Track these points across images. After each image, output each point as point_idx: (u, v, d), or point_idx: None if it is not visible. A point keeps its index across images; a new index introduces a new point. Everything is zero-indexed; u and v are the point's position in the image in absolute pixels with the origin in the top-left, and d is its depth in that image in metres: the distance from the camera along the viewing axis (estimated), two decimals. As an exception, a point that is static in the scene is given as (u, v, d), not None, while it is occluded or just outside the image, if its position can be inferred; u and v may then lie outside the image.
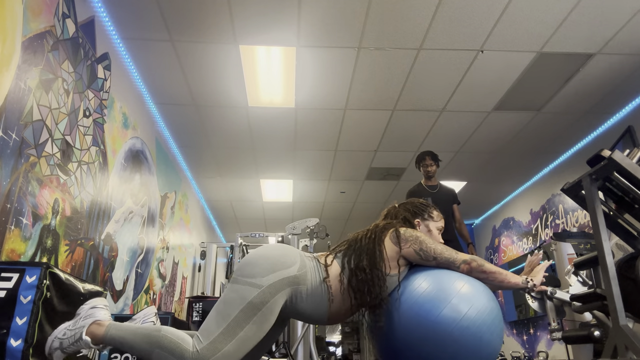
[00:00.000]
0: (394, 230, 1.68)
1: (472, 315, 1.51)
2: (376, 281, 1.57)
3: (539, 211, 6.01)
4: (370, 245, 1.65)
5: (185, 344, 1.32)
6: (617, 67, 3.82)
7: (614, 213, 2.26)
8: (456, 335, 1.49)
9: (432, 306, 1.52)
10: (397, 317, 1.58)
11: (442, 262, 1.63)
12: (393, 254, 1.63)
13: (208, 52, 3.60)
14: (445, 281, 1.58)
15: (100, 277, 3.16)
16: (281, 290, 1.48)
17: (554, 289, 3.64)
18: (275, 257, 1.54)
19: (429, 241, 1.65)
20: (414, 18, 3.27)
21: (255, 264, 1.51)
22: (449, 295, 1.53)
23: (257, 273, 1.48)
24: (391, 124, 4.68)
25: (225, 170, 5.79)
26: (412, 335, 1.54)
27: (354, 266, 1.61)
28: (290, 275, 1.51)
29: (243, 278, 1.47)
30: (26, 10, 2.29)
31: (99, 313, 1.46)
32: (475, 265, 1.63)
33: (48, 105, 2.47)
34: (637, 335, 1.85)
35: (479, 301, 1.55)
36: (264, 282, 1.46)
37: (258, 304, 1.43)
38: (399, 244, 1.64)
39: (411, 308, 1.55)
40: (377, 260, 1.61)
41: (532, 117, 4.59)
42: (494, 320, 1.56)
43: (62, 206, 2.62)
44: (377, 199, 6.85)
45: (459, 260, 1.63)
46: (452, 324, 1.49)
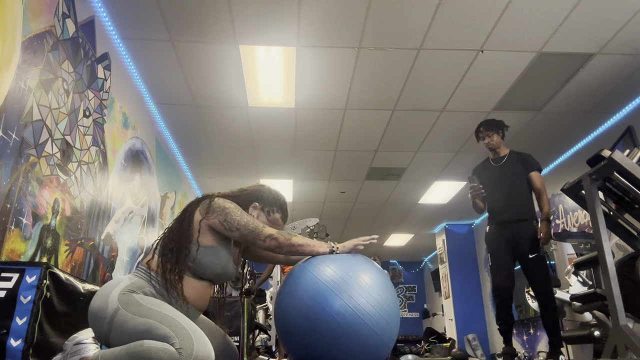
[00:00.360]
0: (208, 201, 1.66)
1: (369, 308, 1.55)
2: (183, 244, 1.57)
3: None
4: (182, 214, 1.66)
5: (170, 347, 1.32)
6: (617, 67, 3.82)
7: (614, 213, 2.26)
8: (354, 327, 1.53)
9: (331, 295, 1.56)
10: (297, 303, 1.62)
11: (246, 234, 1.60)
12: (199, 224, 1.61)
13: (208, 52, 3.60)
14: (350, 271, 1.62)
15: (100, 277, 3.16)
16: (130, 294, 1.46)
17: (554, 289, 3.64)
18: (100, 294, 1.50)
19: (236, 212, 1.61)
20: (414, 18, 3.27)
21: (93, 314, 1.46)
22: (349, 286, 1.57)
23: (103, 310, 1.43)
24: (391, 124, 4.68)
25: (225, 170, 5.79)
26: (310, 324, 1.58)
27: (165, 233, 1.62)
28: (125, 286, 1.48)
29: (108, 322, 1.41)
30: (26, 10, 2.29)
31: (85, 349, 1.44)
32: (283, 239, 1.61)
33: (48, 105, 2.47)
34: (637, 335, 1.85)
35: (378, 294, 1.59)
36: (113, 304, 1.42)
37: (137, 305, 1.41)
38: (207, 214, 1.61)
39: (313, 296, 1.59)
40: (184, 226, 1.60)
41: (532, 117, 4.59)
42: (391, 315, 1.61)
43: (62, 206, 2.62)
44: (377, 199, 6.85)
45: (264, 234, 1.60)
46: (349, 316, 1.53)
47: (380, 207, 7.18)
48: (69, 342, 1.47)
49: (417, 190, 6.53)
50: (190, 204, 1.70)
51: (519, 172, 3.34)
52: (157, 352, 1.30)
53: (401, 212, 7.45)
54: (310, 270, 1.65)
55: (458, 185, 6.30)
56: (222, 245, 1.64)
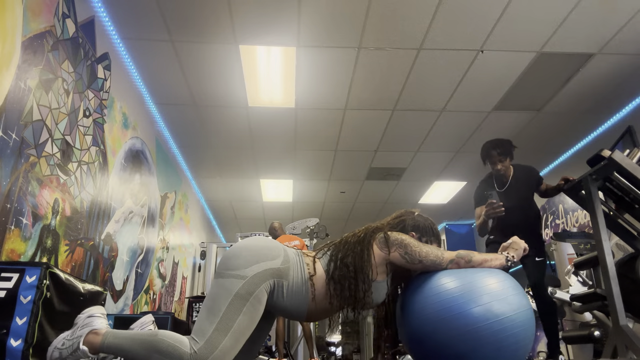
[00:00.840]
0: (383, 234, 1.66)
1: (508, 315, 1.49)
2: (360, 284, 1.56)
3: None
4: (357, 246, 1.64)
5: (183, 346, 1.32)
6: (617, 67, 3.82)
7: (614, 213, 2.26)
8: (493, 337, 1.47)
9: (464, 306, 1.50)
10: (429, 319, 1.55)
11: (428, 265, 1.61)
12: (379, 259, 1.61)
13: (208, 52, 3.60)
14: (475, 280, 1.56)
15: (100, 277, 3.16)
16: (265, 281, 1.48)
17: (554, 289, 3.64)
18: (258, 249, 1.53)
19: (414, 244, 1.62)
20: (414, 18, 3.27)
21: (238, 256, 1.50)
22: (481, 295, 1.51)
23: (240, 265, 1.47)
24: (391, 124, 4.68)
25: (225, 170, 5.79)
26: (446, 336, 1.51)
27: (339, 262, 1.60)
28: (274, 267, 1.50)
29: (227, 271, 1.47)
30: (26, 10, 2.29)
31: (96, 322, 1.45)
32: (463, 262, 1.61)
33: (48, 105, 2.47)
34: (637, 335, 1.85)
35: (513, 299, 1.53)
36: (248, 272, 1.45)
37: (245, 295, 1.42)
38: (387, 248, 1.62)
39: (443, 309, 1.53)
40: (364, 263, 1.59)
41: (532, 117, 4.59)
42: (527, 319, 1.55)
43: (62, 206, 2.62)
44: (377, 199, 6.85)
45: (445, 261, 1.61)
46: (485, 324, 1.47)
47: (380, 207, 7.18)
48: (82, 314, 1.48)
49: (417, 190, 6.53)
50: (362, 236, 1.68)
51: (525, 190, 3.24)
52: (167, 347, 1.31)
53: (401, 212, 7.44)
54: (431, 286, 1.59)
55: (458, 185, 6.30)
56: (387, 279, 1.64)
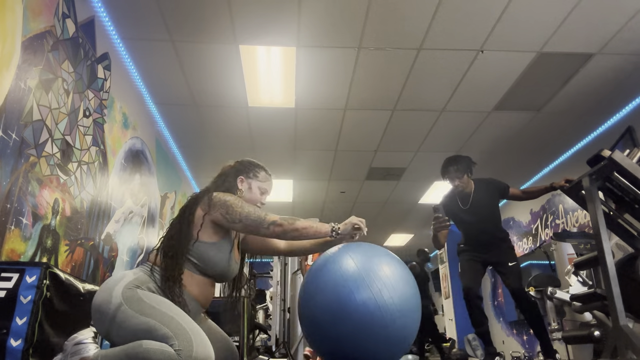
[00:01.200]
0: (207, 197, 1.67)
1: (395, 302, 1.57)
2: (182, 241, 1.58)
3: (539, 211, 6.01)
4: (182, 210, 1.69)
5: (168, 347, 1.32)
6: (617, 67, 3.82)
7: (614, 213, 2.26)
8: (377, 321, 1.54)
9: (354, 289, 1.57)
10: (320, 298, 1.63)
11: (248, 224, 1.62)
12: (200, 219, 1.63)
13: (208, 52, 3.59)
14: (371, 264, 1.64)
15: (100, 277, 3.16)
16: (133, 288, 1.47)
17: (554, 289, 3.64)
18: (105, 287, 1.51)
19: (237, 204, 1.63)
20: (414, 18, 3.27)
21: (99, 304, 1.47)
22: (373, 280, 1.58)
23: (107, 300, 1.45)
24: (391, 124, 4.68)
25: (225, 170, 5.78)
26: (333, 318, 1.58)
27: (168, 228, 1.65)
28: (129, 280, 1.50)
29: (108, 315, 1.42)
30: (26, 10, 2.29)
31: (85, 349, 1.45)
32: (287, 224, 1.63)
33: (48, 105, 2.47)
34: (637, 335, 1.85)
35: (400, 288, 1.61)
36: (115, 295, 1.44)
37: (137, 301, 1.43)
38: (209, 210, 1.64)
39: (334, 290, 1.60)
40: (183, 222, 1.63)
41: (532, 117, 4.59)
42: (413, 307, 1.63)
43: (62, 206, 2.62)
44: (377, 199, 6.85)
45: (267, 222, 1.62)
46: (373, 309, 1.54)
47: (380, 207, 7.18)
48: (69, 342, 1.48)
49: (417, 190, 6.53)
50: (189, 200, 1.72)
51: (487, 205, 3.30)
52: (155, 353, 1.31)
53: (401, 212, 7.45)
54: (334, 263, 1.66)
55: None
56: (224, 240, 1.66)
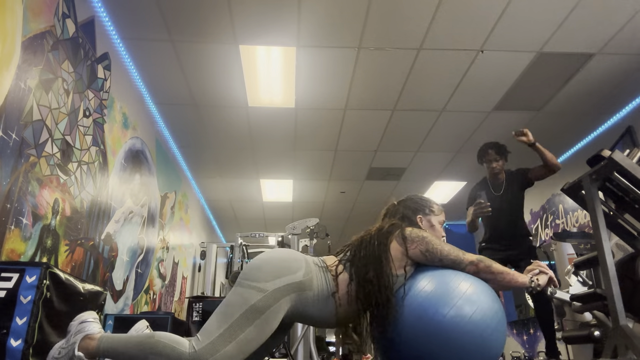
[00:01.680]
0: (400, 231, 1.66)
1: (477, 318, 1.50)
2: (383, 289, 1.56)
3: (539, 211, 6.01)
4: (376, 253, 1.63)
5: (181, 346, 1.32)
6: (617, 67, 3.82)
7: (614, 213, 2.26)
8: (461, 338, 1.48)
9: (437, 308, 1.51)
10: (402, 320, 1.57)
11: (447, 263, 1.61)
12: (399, 255, 1.62)
13: (208, 52, 3.59)
14: (450, 282, 1.57)
15: (100, 277, 3.16)
16: (286, 296, 1.47)
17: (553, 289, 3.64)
18: (281, 262, 1.53)
19: (436, 242, 1.63)
20: (414, 18, 3.27)
21: (260, 269, 1.50)
22: (454, 298, 1.52)
23: (261, 277, 1.47)
24: (391, 124, 4.68)
25: (225, 170, 5.79)
26: (416, 338, 1.53)
27: (361, 279, 1.59)
28: (296, 281, 1.50)
29: (247, 282, 1.47)
30: (26, 10, 2.29)
31: (89, 327, 1.45)
32: (483, 266, 1.61)
33: (48, 105, 2.47)
34: (637, 335, 1.85)
35: (484, 303, 1.54)
36: (269, 286, 1.45)
37: (261, 308, 1.42)
38: (405, 245, 1.62)
39: (415, 310, 1.54)
40: (384, 268, 1.59)
41: (532, 117, 4.59)
42: (498, 323, 1.55)
43: (62, 206, 2.62)
44: (377, 199, 6.84)
45: (465, 262, 1.61)
46: (457, 327, 1.49)
47: (380, 207, 7.15)
48: (74, 322, 1.48)
49: (417, 190, 6.51)
50: (380, 234, 1.69)
51: (517, 194, 3.42)
52: (164, 347, 1.32)
53: (401, 212, 7.43)
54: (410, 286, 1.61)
55: (458, 185, 6.29)
56: (404, 275, 1.64)
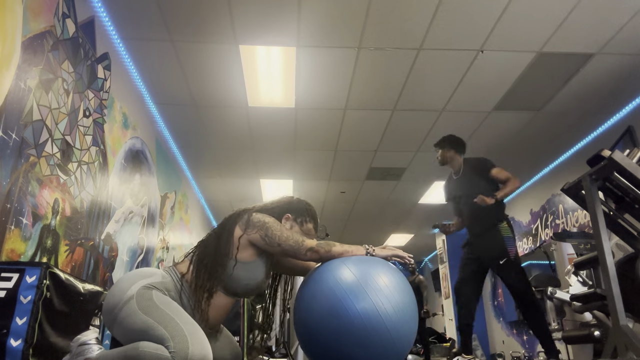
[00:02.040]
0: (247, 215, 1.68)
1: (389, 311, 1.55)
2: (218, 261, 1.58)
3: (539, 211, 6.01)
4: (219, 228, 1.68)
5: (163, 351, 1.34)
6: (617, 67, 3.82)
7: (614, 213, 2.26)
8: (371, 330, 1.53)
9: (352, 301, 1.55)
10: (317, 310, 1.61)
11: (287, 249, 1.63)
12: (237, 239, 1.63)
13: (208, 52, 3.59)
14: (368, 275, 1.62)
15: (100, 277, 3.16)
16: (152, 290, 1.48)
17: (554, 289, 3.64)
18: (130, 276, 1.54)
19: (276, 227, 1.64)
20: (414, 18, 3.27)
21: (113, 293, 1.49)
22: (370, 291, 1.57)
23: (121, 293, 1.46)
24: (391, 124, 4.68)
25: (225, 170, 5.79)
26: (330, 329, 1.57)
27: (202, 244, 1.65)
28: (155, 281, 1.51)
29: (116, 309, 1.45)
30: (26, 10, 2.29)
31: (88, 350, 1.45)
32: (323, 251, 1.65)
33: (48, 105, 2.47)
34: (637, 335, 1.85)
35: (396, 297, 1.59)
36: (132, 290, 1.46)
37: (147, 300, 1.44)
38: (246, 229, 1.64)
39: (332, 302, 1.58)
40: (221, 242, 1.62)
41: (532, 117, 4.59)
42: (409, 316, 1.61)
43: (62, 206, 2.62)
44: (377, 199, 6.85)
45: (304, 248, 1.64)
46: (369, 319, 1.53)
47: (380, 207, 7.18)
48: (74, 343, 1.49)
49: (417, 190, 6.53)
50: (228, 218, 1.71)
51: (473, 179, 3.30)
52: (150, 356, 1.32)
53: (401, 212, 7.45)
54: (331, 273, 1.64)
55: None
56: (260, 260, 1.66)
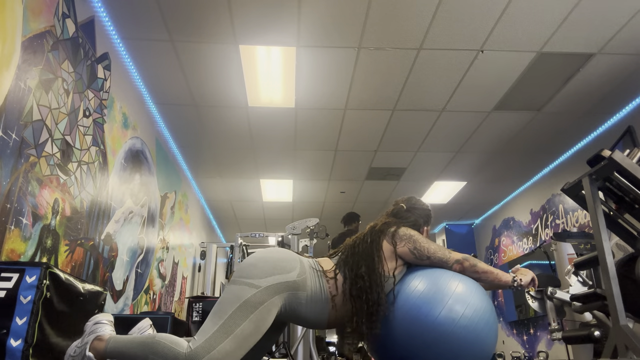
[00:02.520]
0: (391, 230, 1.70)
1: (469, 315, 1.53)
2: (374, 286, 1.58)
3: (539, 211, 6.01)
4: (368, 251, 1.67)
5: (179, 347, 1.35)
6: (617, 67, 3.82)
7: (614, 213, 2.26)
8: (456, 336, 1.50)
9: (429, 308, 1.53)
10: (394, 320, 1.59)
11: (435, 262, 1.66)
12: (389, 253, 1.65)
13: (208, 52, 3.59)
14: (441, 282, 1.60)
15: (100, 277, 3.16)
16: (279, 293, 1.49)
17: (554, 289, 3.64)
18: (276, 261, 1.55)
19: (423, 240, 1.68)
20: (414, 18, 3.27)
21: (255, 266, 1.52)
22: (445, 296, 1.55)
23: (256, 274, 1.49)
24: (391, 124, 4.68)
25: (225, 170, 5.79)
26: (409, 339, 1.54)
27: (353, 275, 1.62)
28: (290, 280, 1.52)
29: (241, 279, 1.49)
30: (26, 10, 2.29)
31: (101, 329, 1.48)
32: (468, 265, 1.66)
33: (48, 105, 2.47)
34: (637, 335, 1.85)
35: (474, 300, 1.57)
36: (262, 283, 1.48)
37: (255, 303, 1.44)
38: (394, 243, 1.66)
39: (409, 312, 1.56)
40: (376, 265, 1.62)
41: (532, 117, 4.59)
42: (490, 318, 1.59)
43: (62, 206, 2.62)
44: (377, 199, 6.84)
45: (451, 260, 1.66)
46: (450, 325, 1.51)
47: (380, 207, 7.18)
48: (90, 322, 1.53)
49: (417, 190, 6.52)
50: (372, 232, 1.72)
51: None
52: (163, 348, 1.34)
53: (401, 212, 7.43)
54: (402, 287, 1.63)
55: (458, 185, 6.30)
56: (397, 273, 1.67)
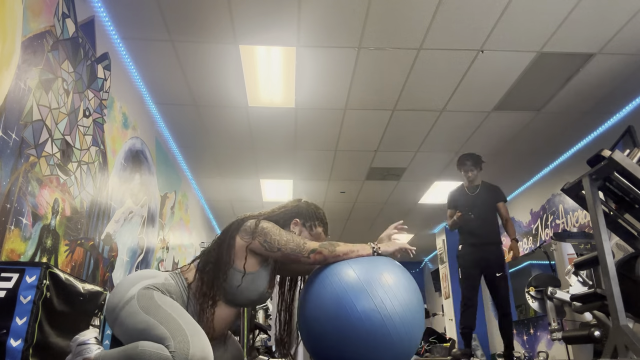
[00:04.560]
0: (249, 223, 1.65)
1: (396, 309, 1.54)
2: (221, 271, 1.56)
3: (539, 211, 6.01)
4: (221, 236, 1.67)
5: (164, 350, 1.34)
6: (617, 67, 3.82)
7: (614, 213, 2.26)
8: (377, 329, 1.51)
9: (356, 299, 1.53)
10: (320, 309, 1.60)
11: (288, 253, 1.59)
12: (242, 248, 1.61)
13: (208, 52, 3.59)
14: (373, 273, 1.60)
15: (100, 277, 3.16)
16: (155, 291, 1.49)
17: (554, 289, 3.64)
18: (134, 277, 1.55)
19: (275, 232, 1.60)
20: (414, 18, 3.27)
21: (115, 291, 1.51)
22: (374, 289, 1.55)
23: (122, 293, 1.48)
24: (391, 124, 4.68)
25: (225, 170, 5.79)
26: (333, 330, 1.56)
27: (205, 254, 1.64)
28: (157, 282, 1.52)
29: (117, 308, 1.46)
30: (26, 10, 2.29)
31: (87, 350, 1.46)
32: (327, 252, 1.61)
33: (48, 105, 2.47)
34: (637, 335, 1.85)
35: (402, 295, 1.58)
36: (133, 291, 1.47)
37: (148, 299, 1.45)
38: (248, 237, 1.61)
39: (334, 301, 1.56)
40: (223, 252, 1.60)
41: (532, 117, 4.59)
42: (415, 315, 1.60)
43: (62, 206, 2.62)
44: (377, 199, 6.85)
45: (306, 250, 1.60)
46: (374, 317, 1.51)
47: (380, 207, 7.18)
48: (73, 342, 1.50)
49: (417, 190, 6.53)
50: (230, 225, 1.69)
51: (489, 202, 4.03)
52: (150, 355, 1.32)
53: (401, 212, 7.44)
54: (334, 274, 1.62)
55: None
56: (262, 269, 1.62)
